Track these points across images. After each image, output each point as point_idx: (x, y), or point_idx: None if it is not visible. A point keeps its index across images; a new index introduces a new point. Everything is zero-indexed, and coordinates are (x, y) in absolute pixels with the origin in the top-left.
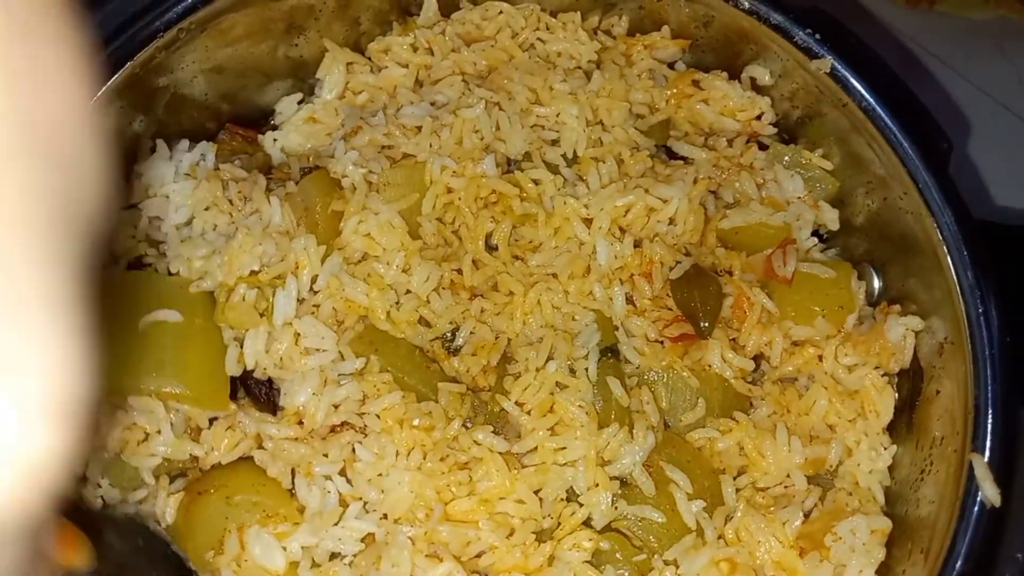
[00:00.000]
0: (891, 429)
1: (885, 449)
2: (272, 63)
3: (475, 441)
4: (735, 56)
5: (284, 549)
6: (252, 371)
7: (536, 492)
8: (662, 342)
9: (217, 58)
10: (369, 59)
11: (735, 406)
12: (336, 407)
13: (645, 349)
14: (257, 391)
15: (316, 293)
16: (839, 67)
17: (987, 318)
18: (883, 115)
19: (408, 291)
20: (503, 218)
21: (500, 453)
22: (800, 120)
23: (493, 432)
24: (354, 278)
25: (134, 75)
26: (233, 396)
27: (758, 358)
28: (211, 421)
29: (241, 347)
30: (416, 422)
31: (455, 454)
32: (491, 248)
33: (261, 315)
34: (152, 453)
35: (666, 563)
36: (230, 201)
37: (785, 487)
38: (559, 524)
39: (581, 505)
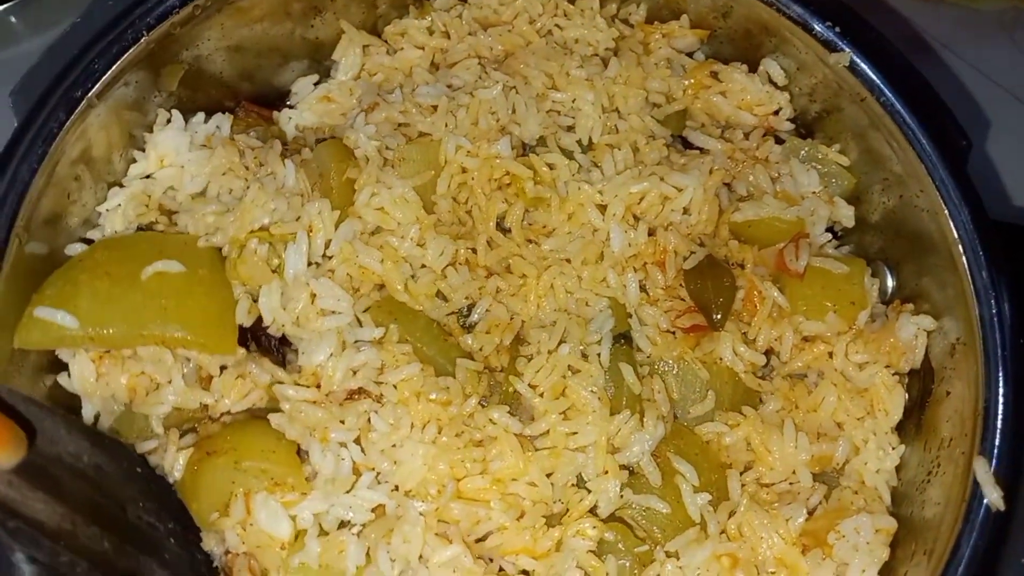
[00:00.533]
0: (899, 429)
1: (893, 449)
2: (289, 44)
3: (491, 420)
4: (755, 48)
5: (292, 518)
6: (266, 326)
7: (548, 476)
8: (674, 332)
9: (234, 37)
10: (385, 42)
11: (744, 400)
12: (354, 372)
13: (657, 339)
14: (268, 344)
15: (330, 259)
16: (858, 61)
17: (1000, 319)
18: (902, 111)
19: (423, 265)
20: (516, 200)
21: (515, 434)
22: (818, 115)
23: (509, 413)
24: (368, 246)
25: (149, 49)
26: (245, 347)
27: (768, 353)
28: (221, 370)
29: (254, 300)
30: (433, 396)
31: (470, 431)
32: (504, 231)
33: (273, 272)
34: (161, 402)
35: (668, 555)
36: (246, 167)
37: (790, 484)
38: (567, 510)
39: (589, 492)
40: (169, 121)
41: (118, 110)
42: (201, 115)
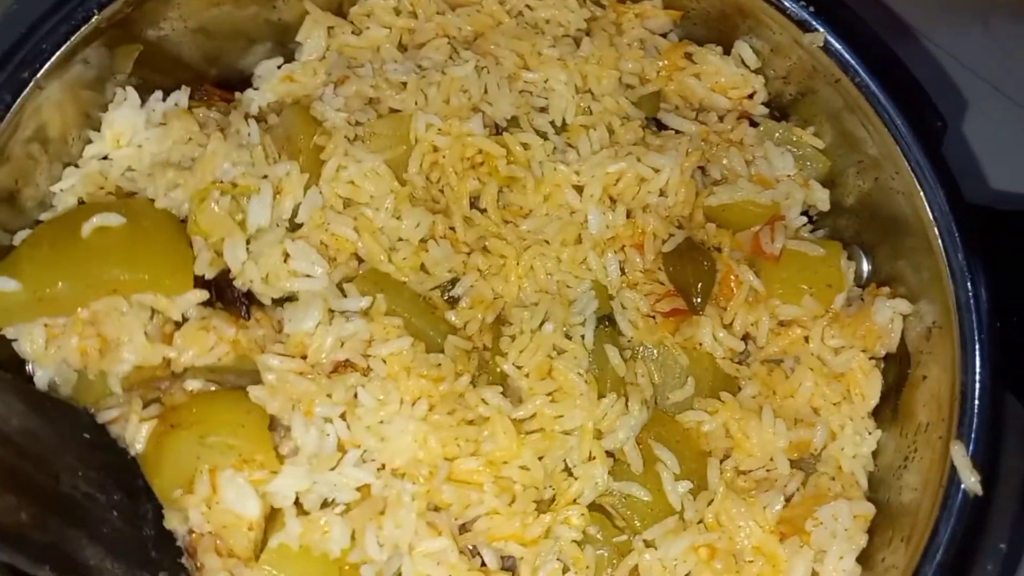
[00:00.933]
0: (876, 414)
1: (870, 434)
2: (252, 25)
3: (483, 400)
4: (729, 30)
5: (261, 497)
6: (233, 278)
7: (540, 459)
8: (654, 317)
9: (194, 17)
10: (351, 22)
11: (723, 386)
12: (342, 343)
13: (639, 323)
14: (232, 296)
15: (301, 226)
16: (832, 41)
17: (977, 302)
18: (876, 92)
19: (400, 238)
20: (489, 179)
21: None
22: (792, 98)
23: (502, 394)
24: (340, 214)
25: (101, 29)
26: (210, 304)
27: (745, 338)
28: (184, 320)
29: (217, 254)
30: (424, 372)
31: (462, 410)
32: (481, 211)
33: (238, 225)
34: (120, 359)
35: (646, 543)
36: (207, 136)
37: (767, 471)
38: (553, 498)
39: (576, 478)
40: (125, 100)
41: (72, 90)
42: (159, 93)
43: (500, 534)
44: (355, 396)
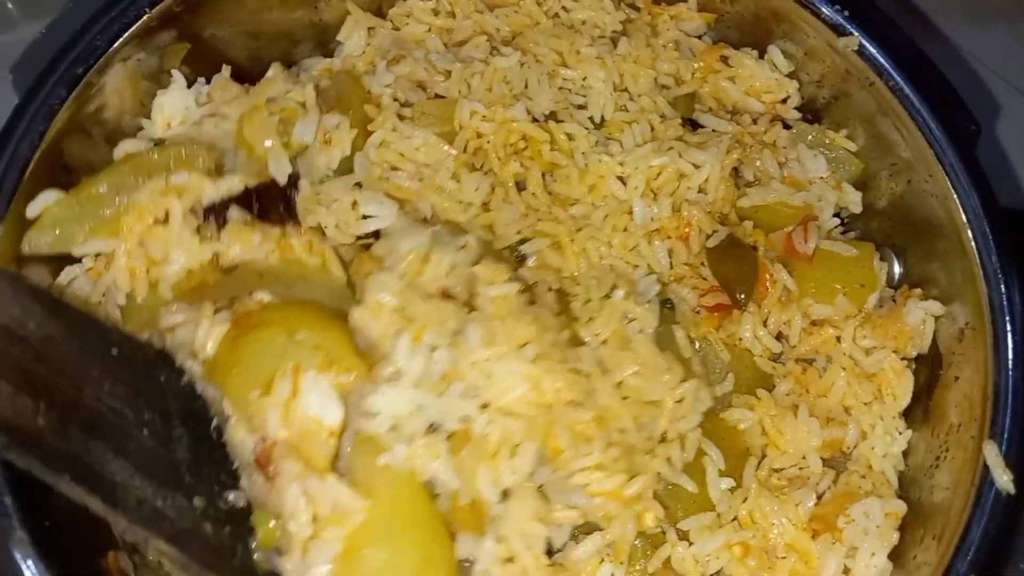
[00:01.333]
0: (907, 414)
1: (900, 434)
2: (295, 26)
3: (580, 357)
4: (764, 33)
5: (343, 404)
6: (293, 184)
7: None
8: (698, 311)
9: (240, 17)
10: (391, 22)
11: (759, 383)
12: (449, 271)
13: (687, 314)
14: (270, 199)
15: (360, 186)
16: (867, 45)
17: (1010, 304)
18: (911, 95)
19: (459, 201)
20: (532, 164)
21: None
22: (826, 101)
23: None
24: (400, 171)
25: (151, 27)
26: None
27: (778, 337)
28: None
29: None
30: (529, 320)
31: (568, 361)
32: (531, 195)
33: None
34: (171, 261)
35: (679, 535)
36: None
37: (800, 469)
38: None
39: (655, 456)
40: (173, 83)
41: (124, 83)
42: (202, 79)
43: (599, 490)
44: (459, 332)
